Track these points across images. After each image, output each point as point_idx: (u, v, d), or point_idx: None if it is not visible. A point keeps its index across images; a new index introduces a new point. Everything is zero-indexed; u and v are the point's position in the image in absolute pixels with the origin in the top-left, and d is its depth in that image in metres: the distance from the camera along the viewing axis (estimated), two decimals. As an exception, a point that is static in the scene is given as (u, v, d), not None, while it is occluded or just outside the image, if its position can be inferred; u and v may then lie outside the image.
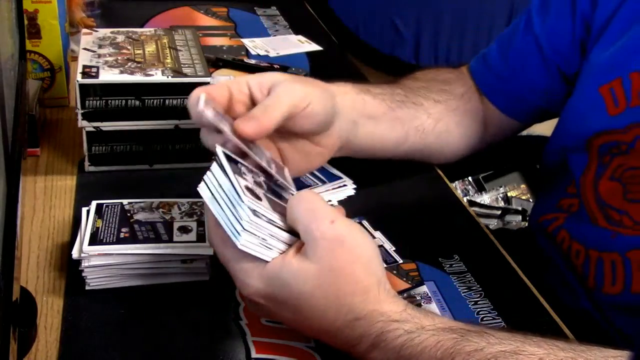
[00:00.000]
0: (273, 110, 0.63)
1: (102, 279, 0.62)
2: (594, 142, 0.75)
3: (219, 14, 1.34)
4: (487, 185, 1.88)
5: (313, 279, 0.52)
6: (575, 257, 0.78)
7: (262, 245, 0.52)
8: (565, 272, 0.80)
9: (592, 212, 0.76)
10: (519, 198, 1.90)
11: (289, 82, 0.66)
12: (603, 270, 0.74)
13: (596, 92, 0.73)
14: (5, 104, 0.52)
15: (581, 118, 0.77)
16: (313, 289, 0.52)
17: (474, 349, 0.49)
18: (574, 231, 0.78)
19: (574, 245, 0.78)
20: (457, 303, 0.65)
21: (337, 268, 0.52)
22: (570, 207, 0.80)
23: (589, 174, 0.76)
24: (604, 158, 0.75)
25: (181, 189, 0.77)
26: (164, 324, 0.60)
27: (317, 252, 0.52)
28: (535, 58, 0.82)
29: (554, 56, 0.81)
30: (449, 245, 0.73)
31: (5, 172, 0.50)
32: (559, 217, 0.81)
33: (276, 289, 0.53)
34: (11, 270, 0.48)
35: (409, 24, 2.09)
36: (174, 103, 0.78)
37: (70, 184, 0.78)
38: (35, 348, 0.56)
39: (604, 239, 0.74)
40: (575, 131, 0.77)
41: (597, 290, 0.75)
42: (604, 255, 0.74)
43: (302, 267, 0.52)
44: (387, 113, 0.78)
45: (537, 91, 0.84)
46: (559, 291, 0.79)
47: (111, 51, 0.82)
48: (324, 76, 0.73)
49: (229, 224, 0.52)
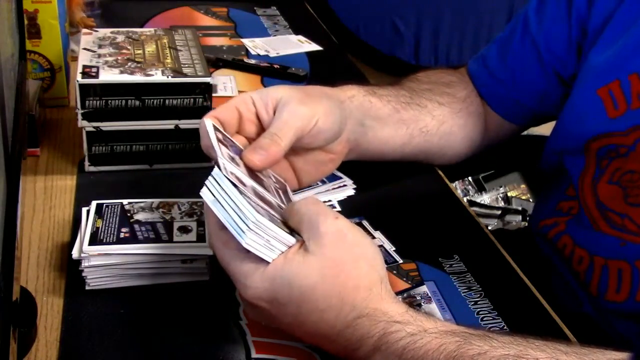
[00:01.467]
0: (280, 140, 0.63)
1: (102, 279, 0.62)
2: (592, 144, 0.74)
3: (219, 14, 1.34)
4: (487, 185, 1.88)
5: (316, 272, 0.51)
6: (577, 263, 0.77)
7: (265, 246, 0.52)
8: (568, 277, 0.79)
9: (592, 216, 0.75)
10: (519, 198, 1.90)
11: (295, 102, 0.66)
12: (608, 278, 0.73)
13: (594, 94, 0.73)
14: (5, 104, 0.52)
15: (579, 120, 0.76)
16: (316, 283, 0.51)
17: (477, 353, 0.48)
18: (577, 237, 0.78)
19: (577, 251, 0.77)
20: (457, 303, 0.65)
21: (341, 261, 0.52)
22: (570, 210, 0.80)
23: (586, 176, 0.76)
24: (602, 161, 0.74)
25: (181, 189, 0.77)
26: (164, 324, 0.60)
27: (321, 246, 0.52)
28: (533, 61, 0.82)
29: (551, 59, 0.81)
30: (449, 245, 0.73)
31: (5, 172, 0.50)
32: (560, 222, 0.81)
33: (278, 288, 0.52)
34: (11, 270, 0.48)
35: (409, 24, 2.09)
36: (174, 103, 0.78)
37: (70, 184, 0.78)
38: (35, 348, 0.56)
39: (612, 247, 0.73)
40: (573, 133, 0.77)
41: (600, 297, 0.75)
42: (610, 262, 0.73)
43: (305, 260, 0.52)
44: (392, 115, 0.78)
45: (534, 95, 0.84)
46: (561, 295, 0.79)
47: (111, 51, 0.82)
48: (324, 76, 0.73)
49: (234, 224, 0.52)
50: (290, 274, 0.52)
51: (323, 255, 0.52)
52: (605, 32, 0.74)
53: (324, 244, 0.52)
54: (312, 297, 0.51)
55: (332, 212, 0.55)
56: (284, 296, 0.52)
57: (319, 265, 0.51)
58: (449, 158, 0.86)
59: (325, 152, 0.73)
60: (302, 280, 0.51)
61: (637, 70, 0.70)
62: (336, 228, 0.53)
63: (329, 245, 0.52)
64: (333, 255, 0.52)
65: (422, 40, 2.14)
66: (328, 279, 0.51)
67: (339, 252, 0.52)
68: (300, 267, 0.52)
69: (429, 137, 0.81)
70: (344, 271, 0.52)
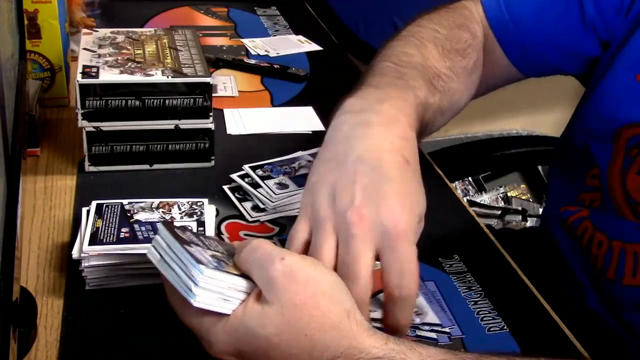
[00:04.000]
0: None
1: (102, 279, 0.62)
2: (624, 132, 0.71)
3: (219, 14, 1.34)
4: (487, 185, 1.88)
5: (277, 321, 0.48)
6: (597, 248, 0.75)
7: (220, 299, 0.50)
8: (577, 269, 0.78)
9: (619, 206, 0.73)
10: (519, 198, 1.91)
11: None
12: (625, 262, 0.72)
13: (634, 79, 0.70)
14: (5, 104, 0.52)
15: (614, 105, 0.73)
16: (280, 332, 0.48)
17: None
18: (599, 222, 0.75)
19: (596, 236, 0.75)
20: (457, 303, 0.65)
21: (298, 304, 0.48)
22: (592, 203, 0.77)
23: (614, 166, 0.73)
24: (631, 151, 0.71)
25: (181, 189, 0.77)
26: (164, 324, 0.59)
27: (275, 292, 0.49)
28: (574, 13, 0.76)
29: (595, 16, 0.75)
30: (449, 245, 0.73)
31: (5, 172, 0.50)
32: (582, 209, 0.78)
33: (242, 340, 0.49)
34: (11, 270, 0.48)
35: (409, 24, 2.09)
36: (174, 103, 0.78)
37: (70, 184, 0.78)
38: (35, 348, 0.56)
39: (629, 230, 0.72)
40: (605, 117, 0.73)
41: (617, 282, 0.73)
42: (627, 246, 0.72)
43: (264, 310, 0.49)
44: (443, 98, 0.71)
45: (565, 53, 0.78)
46: (565, 291, 0.78)
47: (111, 51, 0.82)
48: (324, 76, 0.73)
49: (182, 284, 0.50)
50: (251, 324, 0.49)
51: (279, 301, 0.48)
52: None
53: (277, 290, 0.49)
54: (279, 344, 0.48)
55: (279, 252, 0.50)
56: (250, 346, 0.49)
57: (278, 313, 0.48)
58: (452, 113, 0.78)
59: None
60: (265, 329, 0.49)
61: None
62: (284, 269, 0.49)
63: (282, 289, 0.49)
64: (288, 299, 0.48)
65: (422, 40, 2.15)
66: (291, 326, 0.48)
67: (293, 294, 0.49)
68: (260, 317, 0.49)
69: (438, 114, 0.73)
70: (304, 313, 0.48)
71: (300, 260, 0.51)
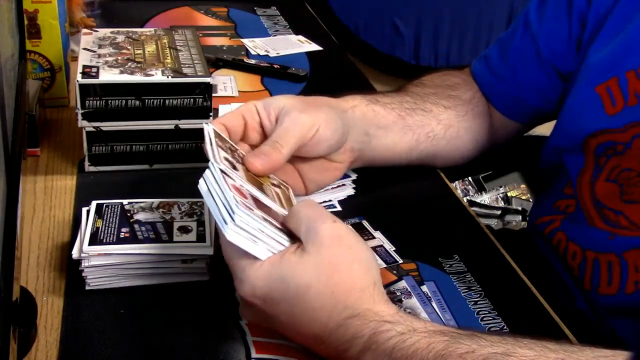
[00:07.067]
0: (281, 147, 0.66)
1: (102, 279, 0.62)
2: (590, 142, 0.75)
3: (219, 14, 1.34)
4: (487, 185, 1.88)
5: (312, 271, 0.52)
6: (571, 259, 0.78)
7: (250, 240, 0.53)
8: (562, 273, 0.80)
9: (588, 213, 0.76)
10: (519, 198, 1.90)
11: (296, 111, 0.68)
12: (599, 271, 0.74)
13: (593, 91, 0.74)
14: (5, 104, 0.52)
15: (578, 117, 0.77)
16: (310, 281, 0.52)
17: (465, 351, 0.49)
18: (571, 233, 0.78)
19: (570, 247, 0.78)
20: (457, 303, 0.65)
21: (336, 263, 0.53)
22: (566, 208, 0.80)
23: (585, 174, 0.76)
24: (600, 159, 0.74)
25: (181, 189, 0.77)
26: (164, 324, 0.60)
27: (318, 247, 0.53)
28: (532, 58, 0.82)
29: (550, 55, 0.81)
30: (449, 245, 0.73)
31: (5, 172, 0.50)
32: (556, 219, 0.81)
33: (273, 285, 0.53)
34: (11, 270, 0.48)
35: (409, 24, 2.09)
36: (174, 103, 0.78)
37: (70, 184, 0.78)
38: (35, 348, 0.56)
39: (602, 240, 0.74)
40: (571, 131, 0.78)
41: (593, 292, 0.75)
42: (600, 256, 0.74)
43: (302, 260, 0.53)
44: (397, 122, 0.79)
45: (535, 91, 0.84)
46: (556, 292, 0.79)
47: (111, 51, 0.82)
48: (324, 76, 0.73)
49: (221, 218, 0.54)
50: (286, 271, 0.53)
51: (319, 256, 0.53)
52: (603, 29, 0.75)
53: (321, 246, 0.53)
54: (306, 295, 0.52)
55: (331, 215, 0.56)
56: (279, 294, 0.53)
57: (315, 265, 0.53)
58: (456, 160, 0.87)
59: (329, 161, 0.74)
60: (298, 278, 0.52)
61: (634, 68, 0.70)
62: (333, 231, 0.54)
63: (326, 247, 0.53)
64: (329, 257, 0.53)
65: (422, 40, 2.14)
66: (322, 279, 0.52)
67: (335, 254, 0.54)
68: (296, 265, 0.53)
69: (435, 141, 0.82)
70: (338, 272, 0.53)
71: (348, 229, 0.56)
